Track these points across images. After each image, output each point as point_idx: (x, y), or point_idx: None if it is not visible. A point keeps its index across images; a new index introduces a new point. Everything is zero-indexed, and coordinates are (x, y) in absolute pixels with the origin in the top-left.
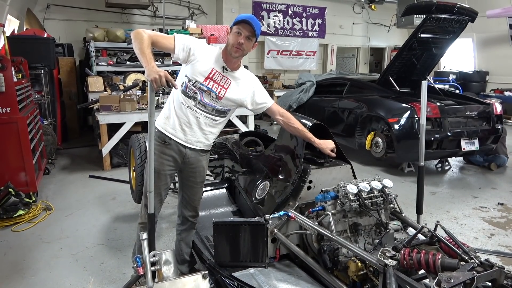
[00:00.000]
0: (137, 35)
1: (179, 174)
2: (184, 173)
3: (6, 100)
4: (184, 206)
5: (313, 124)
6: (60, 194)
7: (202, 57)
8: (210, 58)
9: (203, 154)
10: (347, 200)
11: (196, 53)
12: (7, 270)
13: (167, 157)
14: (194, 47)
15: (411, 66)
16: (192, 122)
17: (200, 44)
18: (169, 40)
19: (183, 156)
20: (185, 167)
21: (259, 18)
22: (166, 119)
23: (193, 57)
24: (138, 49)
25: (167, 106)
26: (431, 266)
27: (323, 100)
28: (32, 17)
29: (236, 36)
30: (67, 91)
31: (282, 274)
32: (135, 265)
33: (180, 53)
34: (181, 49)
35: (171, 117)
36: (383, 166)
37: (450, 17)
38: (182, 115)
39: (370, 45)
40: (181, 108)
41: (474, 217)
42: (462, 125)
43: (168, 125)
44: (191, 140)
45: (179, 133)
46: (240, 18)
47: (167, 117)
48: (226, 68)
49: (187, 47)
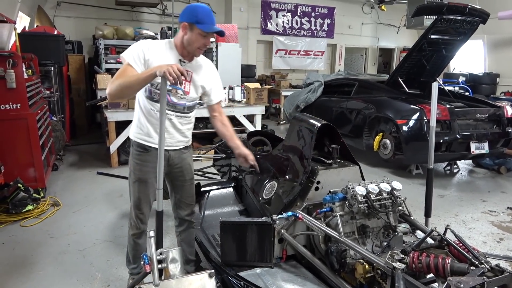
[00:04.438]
0: (115, 84)
1: (167, 177)
2: (172, 175)
3: (16, 96)
4: (179, 206)
5: (322, 124)
6: (68, 190)
7: (156, 57)
8: (165, 56)
9: (186, 151)
10: (355, 201)
11: (150, 56)
12: (16, 264)
13: (151, 164)
14: (145, 51)
15: (421, 68)
16: (166, 126)
17: (149, 45)
18: (130, 69)
19: (167, 160)
20: (171, 169)
21: (267, 18)
22: (139, 129)
23: (149, 62)
24: (130, 83)
25: (136, 116)
26: (441, 270)
27: (331, 100)
28: (43, 14)
29: (202, 39)
30: (76, 88)
31: (288, 274)
32: (142, 262)
33: (140, 67)
34: (139, 63)
35: (144, 126)
36: (391, 168)
37: (461, 18)
38: (155, 121)
39: (379, 46)
40: (151, 115)
41: (483, 221)
42: (471, 127)
43: (143, 135)
44: (170, 142)
45: (157, 139)
46: (208, 24)
47: (140, 127)
48: (183, 61)
49: (141, 57)
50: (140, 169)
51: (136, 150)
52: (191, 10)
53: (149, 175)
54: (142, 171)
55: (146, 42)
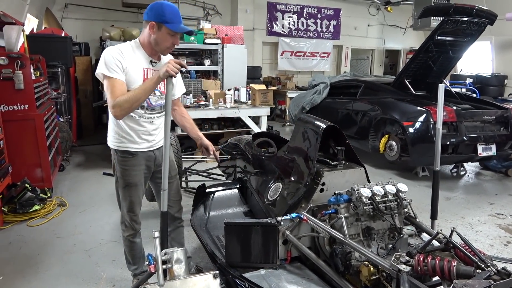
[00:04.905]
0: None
1: (151, 181)
2: (157, 174)
3: (24, 97)
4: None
5: (327, 126)
6: (74, 190)
7: (129, 63)
8: (136, 60)
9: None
10: (360, 203)
11: (126, 64)
12: (22, 264)
13: (139, 167)
14: (120, 59)
15: (427, 69)
16: (150, 130)
17: (119, 52)
18: (118, 81)
19: (154, 160)
20: (157, 169)
21: (273, 19)
22: (121, 137)
23: (127, 69)
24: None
25: (113, 125)
26: (446, 273)
27: (336, 102)
28: (51, 16)
29: (170, 38)
30: (83, 89)
31: (293, 276)
32: (147, 262)
33: (123, 77)
34: (121, 73)
35: (127, 134)
36: (396, 170)
37: (468, 20)
38: (138, 127)
39: (385, 47)
40: (133, 121)
41: (490, 224)
42: (479, 129)
43: (127, 143)
44: (155, 141)
45: (143, 144)
46: (177, 24)
47: (121, 136)
48: (153, 61)
49: (119, 67)
50: (129, 174)
51: (122, 156)
52: (158, 9)
53: (138, 178)
54: (131, 175)
55: (114, 51)
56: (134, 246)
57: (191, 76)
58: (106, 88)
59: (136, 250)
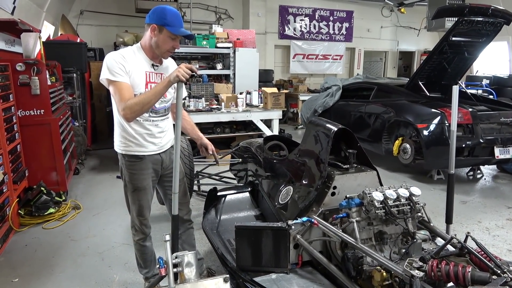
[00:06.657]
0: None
1: (158, 185)
2: (164, 178)
3: (40, 102)
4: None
5: (338, 128)
6: (89, 193)
7: (132, 67)
8: (138, 64)
9: (173, 150)
10: (372, 207)
11: (129, 67)
12: (37, 266)
13: (147, 171)
14: (123, 63)
15: (442, 71)
16: (155, 132)
17: (122, 57)
18: (125, 85)
19: (161, 163)
20: (164, 172)
21: (285, 22)
22: (128, 142)
23: (130, 73)
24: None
25: (119, 129)
26: (461, 279)
27: (349, 104)
28: (67, 23)
29: (171, 41)
30: (98, 94)
31: (304, 281)
32: (158, 265)
33: (128, 80)
34: (126, 76)
35: (133, 138)
36: (411, 173)
37: (483, 20)
38: (143, 130)
39: (399, 49)
40: (138, 125)
41: (507, 229)
42: (496, 131)
43: (133, 147)
44: (162, 144)
45: (150, 146)
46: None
47: (129, 140)
48: (155, 65)
49: (123, 70)
50: (137, 178)
51: (129, 160)
52: (160, 12)
53: (146, 182)
54: (139, 179)
55: (116, 55)
56: (144, 250)
57: (203, 80)
58: (113, 93)
59: (147, 254)
